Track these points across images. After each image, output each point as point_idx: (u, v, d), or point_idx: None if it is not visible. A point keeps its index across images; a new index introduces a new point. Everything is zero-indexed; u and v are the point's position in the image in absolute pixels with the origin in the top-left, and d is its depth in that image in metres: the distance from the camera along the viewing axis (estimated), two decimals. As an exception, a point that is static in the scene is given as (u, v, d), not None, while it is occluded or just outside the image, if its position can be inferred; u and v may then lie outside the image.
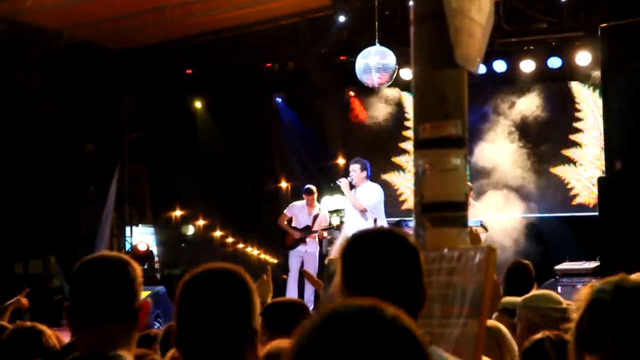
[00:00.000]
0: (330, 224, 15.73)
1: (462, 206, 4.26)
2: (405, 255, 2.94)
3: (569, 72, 17.25)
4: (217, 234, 22.74)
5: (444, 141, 4.26)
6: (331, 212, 16.72)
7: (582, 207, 17.45)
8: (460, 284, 3.51)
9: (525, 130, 16.63)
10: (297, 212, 15.57)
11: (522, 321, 5.55)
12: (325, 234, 15.49)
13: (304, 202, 15.65)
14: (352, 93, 19.38)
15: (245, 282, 2.98)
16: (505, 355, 4.96)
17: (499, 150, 16.43)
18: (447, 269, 3.63)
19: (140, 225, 22.00)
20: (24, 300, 7.60)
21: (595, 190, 17.25)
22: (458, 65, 4.23)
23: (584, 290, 3.14)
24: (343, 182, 13.59)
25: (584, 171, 17.57)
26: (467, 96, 4.49)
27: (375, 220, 13.39)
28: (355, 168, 13.77)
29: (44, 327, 4.95)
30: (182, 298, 2.96)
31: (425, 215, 4.26)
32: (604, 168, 17.27)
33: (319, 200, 16.41)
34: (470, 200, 14.66)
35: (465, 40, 4.30)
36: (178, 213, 22.30)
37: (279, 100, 20.59)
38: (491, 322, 5.27)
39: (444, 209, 4.24)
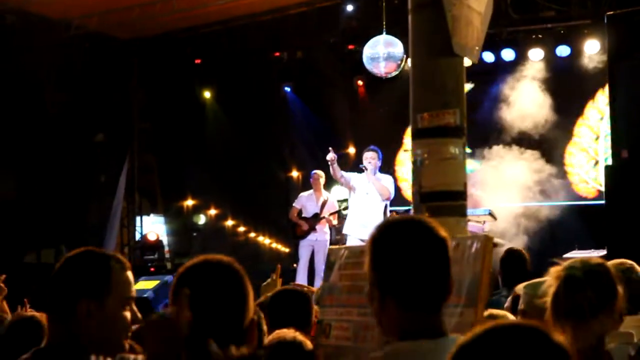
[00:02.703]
0: (339, 209, 15.67)
1: (461, 195, 4.26)
2: (435, 245, 2.95)
3: (577, 61, 17.21)
4: (229, 223, 22.78)
5: (443, 130, 4.26)
6: (340, 202, 16.67)
7: (585, 197, 17.51)
8: (458, 274, 3.50)
9: (532, 119, 16.57)
10: (305, 202, 15.52)
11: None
12: (334, 221, 15.44)
13: (310, 191, 15.61)
14: (360, 82, 19.35)
15: (239, 273, 2.97)
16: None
17: (506, 139, 16.44)
18: (445, 258, 3.62)
19: (151, 214, 22.04)
20: (4, 286, 7.57)
21: (590, 181, 17.31)
22: (456, 54, 4.23)
23: (553, 271, 3.70)
24: (369, 169, 13.55)
25: (586, 162, 17.63)
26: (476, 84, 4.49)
27: (386, 207, 13.41)
28: (373, 156, 13.67)
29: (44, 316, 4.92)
30: (176, 291, 2.95)
31: (424, 205, 4.26)
32: (597, 158, 17.34)
33: (328, 190, 16.37)
34: (472, 191, 14.68)
35: (463, 28, 4.28)
36: (189, 202, 22.34)
37: (287, 89, 20.57)
38: (497, 311, 5.29)
39: (442, 198, 4.24)
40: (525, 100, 16.51)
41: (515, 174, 15.74)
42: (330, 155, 13.67)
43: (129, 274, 3.35)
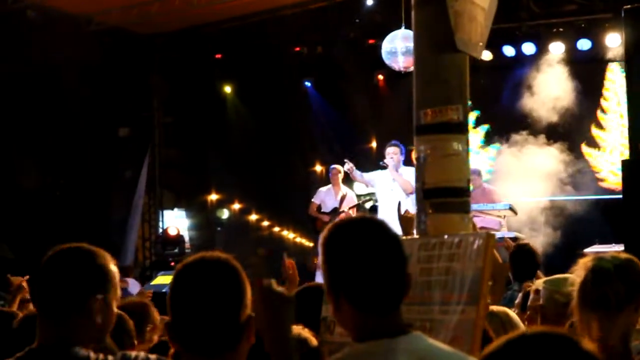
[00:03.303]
0: (358, 203, 15.63)
1: (464, 192, 4.25)
2: (387, 241, 2.94)
3: (598, 54, 17.15)
4: (253, 217, 22.79)
5: (445, 126, 4.25)
6: (363, 196, 16.64)
7: (609, 191, 17.41)
8: (460, 271, 3.50)
9: (554, 113, 16.51)
10: (324, 197, 15.53)
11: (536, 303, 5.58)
12: (353, 214, 15.39)
13: (329, 186, 15.62)
14: (381, 77, 19.35)
15: (236, 270, 2.97)
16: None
17: (528, 132, 16.40)
18: (447, 255, 3.62)
19: (175, 209, 22.09)
20: (25, 285, 7.62)
21: (619, 174, 17.25)
22: (459, 50, 4.22)
23: (582, 262, 3.74)
24: (390, 164, 13.57)
25: (610, 155, 17.54)
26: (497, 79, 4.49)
27: (399, 205, 13.35)
28: (395, 151, 13.73)
29: None
30: (174, 289, 2.96)
31: (427, 201, 4.26)
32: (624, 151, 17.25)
33: (350, 186, 16.37)
34: (485, 185, 14.67)
35: (466, 24, 4.27)
36: (213, 197, 22.37)
37: (307, 84, 20.58)
38: (498, 308, 5.28)
39: (445, 195, 4.23)
40: (546, 94, 16.47)
41: (536, 167, 15.72)
42: (348, 166, 13.80)
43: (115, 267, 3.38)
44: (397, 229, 3.67)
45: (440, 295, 3.52)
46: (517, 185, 15.27)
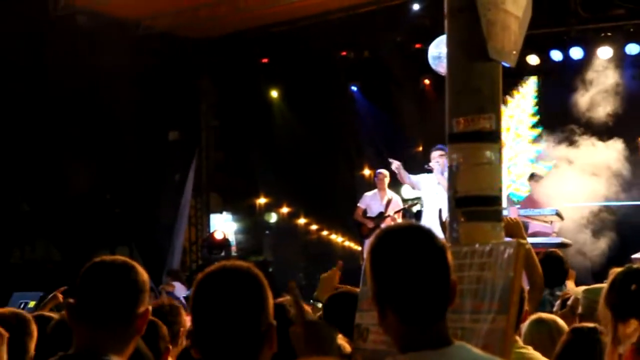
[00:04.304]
0: (404, 207, 15.60)
1: (496, 200, 4.24)
2: (433, 252, 2.92)
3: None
4: (301, 221, 22.82)
5: (478, 135, 4.24)
6: (409, 200, 16.62)
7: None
8: (491, 279, 3.49)
9: (603, 118, 16.38)
10: (370, 202, 15.53)
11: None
12: (399, 219, 15.36)
13: (375, 190, 15.61)
14: (427, 81, 19.31)
15: (257, 279, 2.98)
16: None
17: (578, 138, 16.28)
18: (478, 263, 3.60)
19: (223, 212, 22.18)
20: (60, 296, 7.66)
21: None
22: (492, 58, 4.21)
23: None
24: (436, 168, 13.56)
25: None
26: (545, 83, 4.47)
27: (440, 211, 13.32)
28: (441, 155, 13.69)
29: None
30: (195, 298, 2.98)
31: (459, 210, 4.25)
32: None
33: (397, 190, 16.34)
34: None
35: (499, 33, 4.26)
36: (262, 201, 22.44)
37: (354, 89, 20.57)
38: (547, 315, 5.27)
39: (477, 203, 4.22)
40: (594, 99, 16.33)
41: (585, 172, 15.59)
42: (395, 165, 13.80)
43: None
44: (439, 233, 3.66)
45: (471, 303, 3.50)
46: (566, 189, 15.19)
